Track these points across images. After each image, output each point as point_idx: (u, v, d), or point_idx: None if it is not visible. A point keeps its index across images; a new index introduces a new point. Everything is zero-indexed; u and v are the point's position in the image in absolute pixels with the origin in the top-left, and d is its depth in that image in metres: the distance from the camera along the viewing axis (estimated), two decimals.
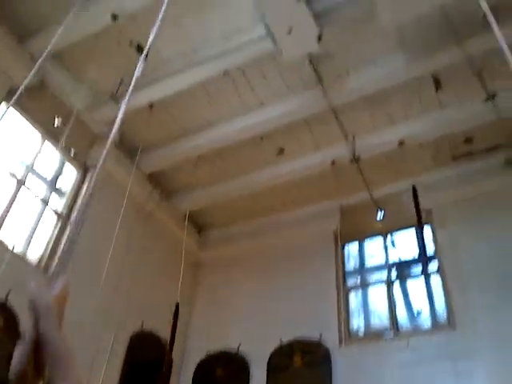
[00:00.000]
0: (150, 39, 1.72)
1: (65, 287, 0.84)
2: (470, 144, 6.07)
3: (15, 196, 4.89)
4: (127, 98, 1.64)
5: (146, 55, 1.64)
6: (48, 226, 5.42)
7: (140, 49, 5.18)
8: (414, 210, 5.82)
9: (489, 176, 6.01)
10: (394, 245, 6.59)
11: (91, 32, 4.83)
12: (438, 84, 5.34)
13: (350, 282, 6.69)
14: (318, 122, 5.90)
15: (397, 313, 6.02)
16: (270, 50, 4.81)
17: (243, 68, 5.33)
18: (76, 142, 5.62)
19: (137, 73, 1.51)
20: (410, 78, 5.19)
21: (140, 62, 1.90)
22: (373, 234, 6.78)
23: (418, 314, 6.02)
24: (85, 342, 4.33)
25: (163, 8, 1.87)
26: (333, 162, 6.15)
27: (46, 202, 5.40)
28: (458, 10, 4.56)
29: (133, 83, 1.47)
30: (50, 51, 5.12)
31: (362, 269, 6.83)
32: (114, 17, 4.56)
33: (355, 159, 5.80)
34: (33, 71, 2.79)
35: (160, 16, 1.87)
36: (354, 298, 6.57)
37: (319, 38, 4.54)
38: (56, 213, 5.47)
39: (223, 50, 4.85)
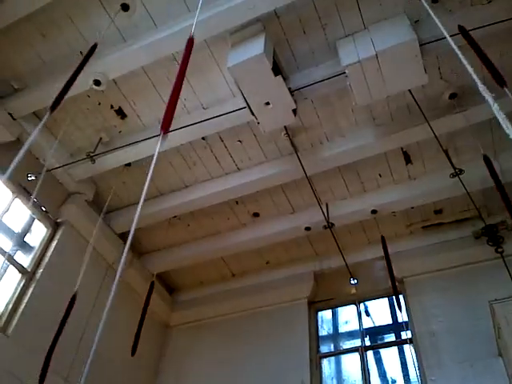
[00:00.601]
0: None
1: None
2: (440, 215, 6.25)
3: None
4: (140, 205, 1.61)
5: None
6: (10, 284, 5.17)
7: (121, 112, 5.29)
8: (387, 279, 5.82)
9: (459, 247, 6.11)
10: (367, 314, 6.52)
11: (72, 94, 4.90)
12: (407, 158, 5.59)
13: (324, 349, 6.52)
14: (293, 188, 6.02)
15: (371, 383, 5.84)
16: (247, 120, 4.97)
17: (221, 135, 5.47)
18: (48, 199, 5.54)
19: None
20: (380, 152, 5.41)
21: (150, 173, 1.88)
22: (346, 301, 6.69)
23: None
24: None
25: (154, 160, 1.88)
26: (307, 228, 6.20)
27: (11, 258, 5.19)
28: (425, 93, 4.87)
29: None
30: (30, 113, 5.20)
31: (335, 336, 6.69)
32: (97, 82, 4.66)
33: (329, 226, 5.86)
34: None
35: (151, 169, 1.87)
36: (327, 366, 6.37)
37: (295, 112, 4.73)
38: (21, 270, 5.25)
39: (202, 119, 4.96)
